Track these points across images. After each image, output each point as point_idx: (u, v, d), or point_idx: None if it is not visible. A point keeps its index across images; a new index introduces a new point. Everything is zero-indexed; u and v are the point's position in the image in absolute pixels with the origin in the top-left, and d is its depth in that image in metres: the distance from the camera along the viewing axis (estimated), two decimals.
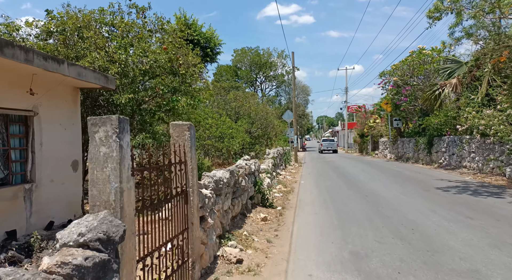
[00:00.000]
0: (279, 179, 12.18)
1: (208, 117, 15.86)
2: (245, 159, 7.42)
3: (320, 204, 7.90)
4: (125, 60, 7.54)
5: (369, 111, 31.75)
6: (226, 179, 5.25)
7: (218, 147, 14.48)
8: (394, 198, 8.17)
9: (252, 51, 52.94)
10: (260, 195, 7.58)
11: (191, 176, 3.69)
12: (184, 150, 3.65)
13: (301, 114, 54.51)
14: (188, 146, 3.68)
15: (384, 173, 13.83)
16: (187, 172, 3.66)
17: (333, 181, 11.96)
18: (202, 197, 4.00)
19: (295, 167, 18.31)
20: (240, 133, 16.05)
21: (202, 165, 10.13)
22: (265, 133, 19.43)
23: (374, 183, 10.91)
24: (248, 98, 19.46)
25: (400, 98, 19.24)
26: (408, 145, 20.61)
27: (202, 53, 23.71)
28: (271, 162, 11.55)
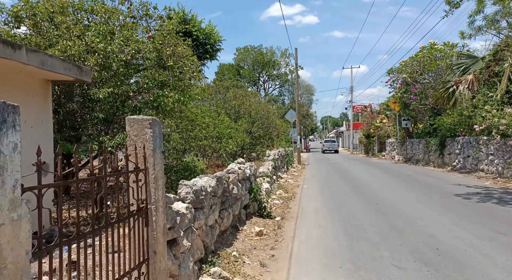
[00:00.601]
0: (280, 183, 11.24)
1: (206, 115, 14.97)
2: (239, 163, 6.50)
3: (324, 214, 6.94)
4: (103, 49, 6.65)
5: (376, 110, 30.67)
6: (211, 188, 4.33)
7: (215, 148, 13.58)
8: (409, 207, 7.20)
9: (255, 50, 52.10)
10: (257, 204, 6.66)
11: (155, 188, 2.77)
12: (144, 154, 2.73)
13: (305, 114, 53.46)
14: (150, 148, 2.76)
15: (394, 177, 12.83)
16: (148, 183, 2.74)
17: (338, 185, 10.99)
18: (172, 215, 3.08)
19: (298, 169, 17.35)
20: (239, 133, 15.13)
21: (194, 168, 9.22)
22: (267, 133, 18.49)
23: (384, 189, 9.93)
24: (249, 96, 18.53)
25: (409, 97, 18.20)
26: (417, 146, 19.56)
27: (201, 50, 22.87)
28: (271, 165, 10.62)
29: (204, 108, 15.58)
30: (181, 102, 8.19)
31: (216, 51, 23.60)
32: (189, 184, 3.78)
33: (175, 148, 12.34)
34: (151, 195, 2.74)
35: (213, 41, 22.67)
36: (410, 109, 19.14)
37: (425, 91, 17.39)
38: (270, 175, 9.80)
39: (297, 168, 17.72)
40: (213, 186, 4.38)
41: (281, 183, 11.29)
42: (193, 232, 3.60)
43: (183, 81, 8.18)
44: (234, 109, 18.60)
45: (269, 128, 18.96)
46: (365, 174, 14.13)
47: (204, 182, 4.19)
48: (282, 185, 10.80)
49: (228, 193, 5.16)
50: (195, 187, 3.78)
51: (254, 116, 17.87)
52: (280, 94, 55.64)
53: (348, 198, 8.64)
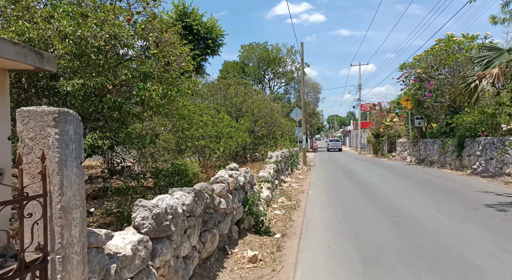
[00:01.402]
0: (283, 188, 10.13)
1: (204, 113, 13.92)
2: (231, 168, 5.41)
3: (333, 229, 5.82)
4: (72, 33, 5.61)
5: (385, 109, 29.33)
6: (185, 207, 3.25)
7: (213, 149, 12.52)
8: (435, 222, 6.04)
9: (260, 47, 51.00)
10: (253, 217, 5.57)
11: (63, 225, 1.70)
12: (43, 169, 1.67)
13: (311, 113, 52.17)
14: (55, 159, 1.69)
15: (409, 181, 11.63)
16: (50, 219, 1.68)
17: (347, 191, 9.85)
18: (102, 262, 2.00)
19: (303, 171, 16.22)
20: (240, 133, 14.06)
21: (186, 172, 8.16)
22: (270, 132, 17.38)
23: (400, 196, 8.76)
24: (251, 93, 17.42)
25: (423, 94, 16.92)
26: (432, 147, 18.27)
27: (202, 45, 21.83)
28: (272, 168, 9.53)
29: (202, 105, 14.54)
30: (169, 97, 7.14)
31: (218, 46, 22.51)
32: (149, 205, 2.70)
33: (166, 149, 11.30)
34: (56, 238, 1.67)
35: (214, 35, 21.60)
36: (424, 107, 17.86)
37: (441, 87, 16.10)
38: (271, 180, 8.70)
39: (302, 170, 16.59)
40: (188, 204, 3.30)
41: (284, 188, 10.19)
42: (151, 275, 2.53)
43: (169, 72, 7.13)
44: (235, 107, 17.53)
45: (272, 127, 17.85)
46: (376, 177, 12.94)
47: (175, 200, 3.11)
48: (285, 191, 9.69)
49: (212, 209, 4.08)
50: (157, 209, 2.71)
51: (256, 114, 16.78)
52: (285, 92, 54.45)
53: (360, 207, 7.50)
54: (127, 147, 8.07)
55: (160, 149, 11.09)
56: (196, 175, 9.06)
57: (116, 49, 6.61)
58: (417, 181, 11.59)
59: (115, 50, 6.62)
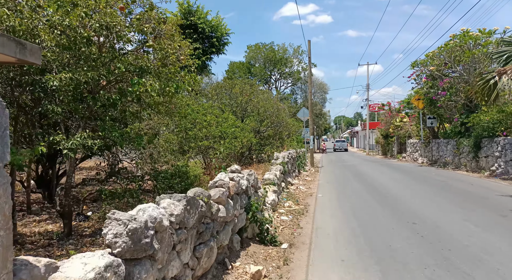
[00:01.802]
0: (290, 191, 9.55)
1: (207, 113, 13.43)
2: (233, 171, 4.87)
3: (347, 239, 5.23)
4: (60, 23, 5.14)
5: (395, 109, 28.55)
6: (174, 218, 2.71)
7: (217, 149, 12.00)
8: (460, 230, 5.42)
9: (267, 47, 50.49)
10: (257, 225, 5.01)
11: None
12: None
13: (318, 113, 51.45)
14: None
15: (424, 183, 10.95)
16: None
17: (359, 194, 9.23)
18: None
19: (310, 173, 15.61)
20: (245, 133, 13.53)
21: (187, 174, 7.63)
22: (276, 133, 16.81)
23: (417, 200, 8.12)
24: (257, 92, 16.88)
25: (436, 92, 16.19)
26: (445, 147, 17.51)
27: (207, 44, 21.37)
28: (279, 170, 8.96)
29: (206, 105, 14.05)
30: (167, 94, 6.64)
31: (224, 45, 22.04)
32: (123, 218, 2.16)
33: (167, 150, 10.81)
34: None
35: (220, 34, 21.14)
36: (437, 106, 17.10)
37: (455, 85, 15.37)
38: (277, 182, 8.14)
39: (310, 171, 15.98)
40: (178, 214, 2.76)
41: (291, 191, 9.61)
42: None
43: (168, 67, 6.62)
44: (240, 106, 17.01)
45: (279, 127, 17.29)
46: (388, 179, 12.28)
47: (161, 210, 2.57)
48: (292, 194, 9.12)
49: (209, 218, 3.54)
50: (134, 224, 2.17)
51: (262, 114, 16.23)
52: (292, 92, 53.82)
53: (374, 213, 6.89)
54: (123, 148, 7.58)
55: (161, 150, 10.62)
56: (198, 178, 8.53)
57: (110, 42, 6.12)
58: (433, 183, 10.91)
59: (109, 43, 6.14)
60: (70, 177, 6.23)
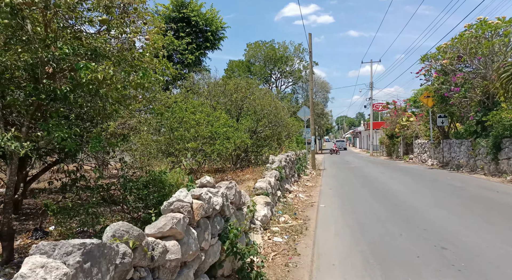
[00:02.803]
0: (287, 200, 8.23)
1: (197, 111, 12.14)
2: (203, 185, 3.57)
3: (359, 275, 3.91)
4: None
5: (401, 108, 27.17)
6: None
7: (207, 152, 10.70)
8: (509, 259, 4.09)
9: (267, 45, 49.24)
10: (237, 258, 3.70)
11: None
12: None
13: (320, 113, 50.13)
14: None
15: (442, 191, 9.60)
16: None
17: (367, 204, 7.91)
18: None
19: (312, 177, 14.28)
20: (239, 133, 12.23)
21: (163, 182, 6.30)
22: (275, 133, 15.50)
23: (439, 214, 6.78)
24: (253, 88, 15.58)
25: (449, 88, 14.83)
26: (458, 148, 16.14)
27: (201, 38, 20.09)
28: (274, 176, 7.65)
29: (196, 102, 12.76)
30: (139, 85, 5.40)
31: (219, 39, 20.74)
32: None
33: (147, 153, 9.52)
34: None
35: (214, 28, 19.84)
36: (449, 104, 15.75)
37: (471, 80, 14.01)
38: (271, 192, 6.83)
39: (311, 175, 14.65)
40: None
41: (289, 200, 8.29)
42: None
43: (130, 50, 5.34)
44: (235, 104, 15.71)
45: (277, 127, 15.96)
46: (398, 185, 10.95)
47: None
48: (290, 205, 7.80)
49: (147, 267, 2.24)
50: None
51: (259, 113, 14.93)
52: (293, 92, 52.54)
53: (389, 231, 5.57)
54: (78, 152, 6.25)
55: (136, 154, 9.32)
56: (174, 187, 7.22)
57: (58, 18, 4.84)
58: (451, 190, 9.56)
59: (56, 20, 4.84)
60: (10, 188, 4.94)
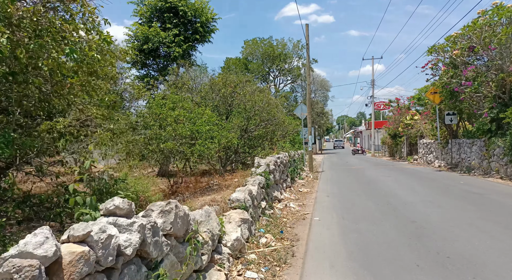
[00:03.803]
0: (274, 212, 6.81)
1: (176, 107, 10.74)
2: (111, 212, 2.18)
3: None
4: None
5: (404, 105, 25.76)
6: None
7: (186, 153, 9.29)
8: None
9: (265, 42, 47.85)
10: None
11: None
12: None
13: (320, 112, 48.71)
14: None
15: (460, 200, 8.19)
16: None
17: (372, 218, 6.50)
18: None
19: (308, 180, 12.87)
20: (225, 132, 10.83)
21: (110, 194, 4.89)
22: (267, 132, 14.09)
23: (464, 233, 5.36)
24: (242, 82, 14.15)
25: (460, 83, 13.40)
26: (469, 149, 14.72)
27: (190, 30, 18.67)
28: (257, 184, 6.25)
29: (177, 97, 11.36)
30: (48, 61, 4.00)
31: (210, 32, 19.34)
32: None
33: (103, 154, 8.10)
34: None
35: (204, 19, 18.42)
36: (459, 100, 14.34)
37: (484, 73, 12.59)
38: (250, 204, 5.43)
39: (307, 179, 13.25)
40: None
41: (277, 212, 6.87)
42: None
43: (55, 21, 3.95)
44: (224, 100, 14.30)
45: (271, 125, 14.53)
46: (406, 191, 9.55)
47: None
48: (276, 219, 6.39)
49: None
50: None
51: (250, 110, 13.51)
52: (292, 90, 51.09)
53: (404, 262, 4.17)
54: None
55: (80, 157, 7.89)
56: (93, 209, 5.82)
57: None
58: (469, 199, 8.14)
59: None
60: None
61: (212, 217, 3.96)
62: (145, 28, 17.47)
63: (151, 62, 18.65)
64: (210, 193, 9.79)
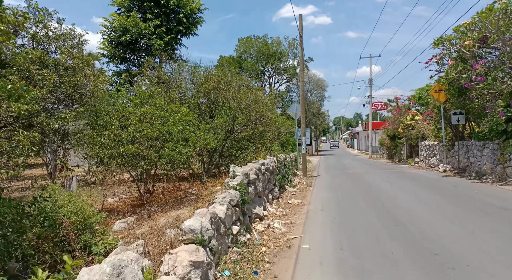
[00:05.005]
0: (252, 238, 5.25)
1: (145, 103, 9.17)
2: None
3: None
4: None
5: (404, 105, 24.35)
6: None
7: (152, 158, 7.71)
8: None
9: (260, 40, 46.42)
10: None
11: None
12: None
13: (316, 113, 47.25)
14: None
15: (484, 216, 6.69)
16: None
17: (382, 249, 4.99)
18: None
19: (300, 188, 11.32)
20: (202, 132, 9.26)
21: None
22: (255, 133, 12.54)
23: (505, 270, 3.87)
24: (227, 76, 12.57)
25: (470, 78, 11.95)
26: (479, 152, 13.28)
27: (173, 21, 17.09)
28: (228, 201, 4.70)
29: (147, 92, 9.77)
30: None
31: (195, 23, 17.77)
32: None
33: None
34: None
35: (189, 9, 16.85)
36: (469, 98, 12.90)
37: (500, 66, 11.14)
38: (217, 232, 3.88)
39: (299, 186, 11.70)
40: None
41: (255, 237, 5.31)
42: None
43: None
44: (208, 97, 12.74)
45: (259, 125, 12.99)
46: (417, 205, 8.04)
47: None
48: (253, 248, 4.83)
49: None
50: None
51: (235, 108, 11.95)
52: (287, 90, 49.66)
53: None
54: None
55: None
56: None
57: None
58: (497, 216, 6.63)
59: None
60: None
61: (128, 274, 2.41)
62: (123, 18, 15.84)
63: (131, 56, 17.04)
64: (183, 205, 8.23)
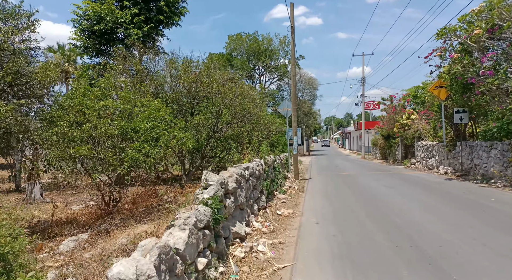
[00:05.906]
0: (227, 271, 3.95)
1: (107, 96, 7.77)
2: None
3: None
4: None
5: (399, 104, 23.37)
6: None
7: (111, 162, 6.32)
8: None
9: (250, 37, 45.16)
10: None
11: None
12: None
13: (307, 112, 46.22)
14: None
15: (503, 231, 5.54)
16: None
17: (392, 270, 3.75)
18: None
19: (291, 194, 10.05)
20: (177, 130, 7.90)
21: None
22: (242, 132, 11.23)
23: None
24: (210, 69, 11.20)
25: (478, 72, 10.87)
26: (485, 153, 12.24)
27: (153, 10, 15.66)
28: (192, 223, 3.39)
29: (108, 83, 8.37)
30: None
31: (178, 14, 16.37)
32: None
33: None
34: None
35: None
36: (475, 94, 11.85)
37: (510, 59, 10.08)
38: (167, 277, 2.57)
39: (290, 191, 10.44)
40: None
41: (231, 270, 4.01)
42: None
43: None
44: (188, 91, 11.38)
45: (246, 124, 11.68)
46: (426, 215, 6.85)
47: None
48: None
49: None
50: None
51: (218, 104, 10.61)
52: (278, 89, 48.50)
53: None
54: None
55: None
56: None
57: None
58: None
59: None
60: None
61: None
62: (97, 6, 14.33)
63: (107, 49, 15.53)
64: (151, 218, 6.88)
